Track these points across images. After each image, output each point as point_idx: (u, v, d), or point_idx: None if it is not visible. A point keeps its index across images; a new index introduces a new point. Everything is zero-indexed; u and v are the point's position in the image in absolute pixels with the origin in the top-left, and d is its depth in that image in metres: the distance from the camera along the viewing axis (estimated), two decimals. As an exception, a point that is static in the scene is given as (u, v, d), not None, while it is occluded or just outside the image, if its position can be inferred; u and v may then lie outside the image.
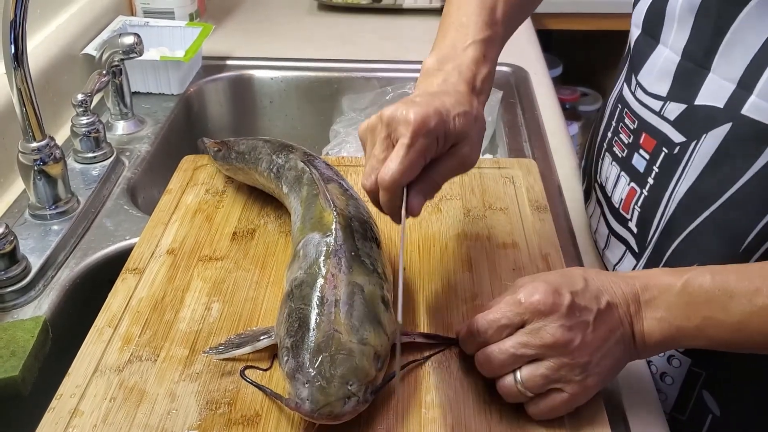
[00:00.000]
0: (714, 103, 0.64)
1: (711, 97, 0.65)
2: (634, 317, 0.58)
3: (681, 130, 0.68)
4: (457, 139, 0.61)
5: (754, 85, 0.61)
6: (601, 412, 0.59)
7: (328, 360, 0.55)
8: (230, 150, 0.84)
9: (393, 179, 0.58)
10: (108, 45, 1.00)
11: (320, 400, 0.54)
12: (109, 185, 0.93)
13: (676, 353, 0.71)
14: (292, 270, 0.64)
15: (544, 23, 1.69)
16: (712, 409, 0.71)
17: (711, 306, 0.55)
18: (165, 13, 1.30)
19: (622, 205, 0.76)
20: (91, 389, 0.61)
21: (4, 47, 0.74)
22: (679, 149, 0.68)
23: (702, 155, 0.66)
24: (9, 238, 0.75)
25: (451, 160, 0.62)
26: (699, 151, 0.66)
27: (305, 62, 1.26)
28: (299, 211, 0.71)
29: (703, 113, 0.65)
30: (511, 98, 1.16)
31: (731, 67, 0.63)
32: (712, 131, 0.64)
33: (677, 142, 0.68)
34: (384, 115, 0.60)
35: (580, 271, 0.60)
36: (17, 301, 0.75)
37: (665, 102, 0.69)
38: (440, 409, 0.59)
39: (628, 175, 0.75)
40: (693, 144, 0.66)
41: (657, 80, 0.71)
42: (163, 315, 0.68)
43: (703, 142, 0.65)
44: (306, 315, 0.58)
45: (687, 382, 0.72)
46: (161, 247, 0.77)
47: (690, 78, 0.66)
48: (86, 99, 0.92)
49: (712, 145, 0.65)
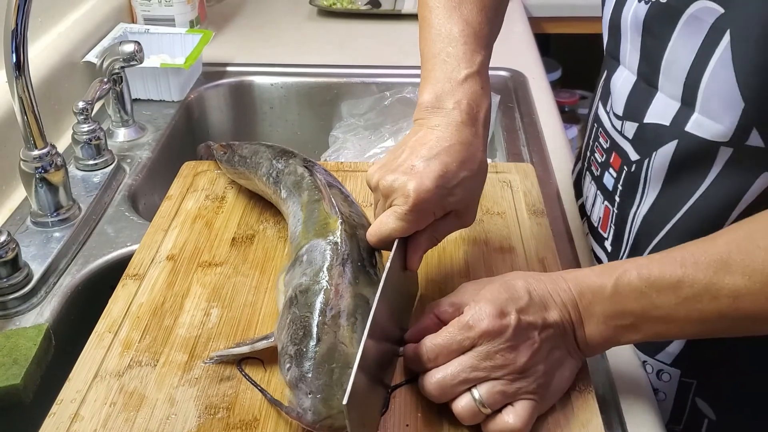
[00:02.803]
0: (661, 121, 0.66)
1: (658, 115, 0.66)
2: (576, 324, 0.58)
3: (635, 149, 0.70)
4: (455, 208, 0.63)
5: (694, 102, 0.62)
6: (596, 415, 0.60)
7: (332, 372, 0.55)
8: (234, 153, 0.85)
9: (376, 240, 0.63)
10: (109, 53, 1.01)
11: (322, 412, 0.54)
12: (110, 192, 0.93)
13: (665, 367, 0.72)
14: (294, 275, 0.64)
15: (542, 27, 1.70)
16: (707, 415, 0.72)
17: (641, 303, 0.56)
18: (165, 20, 1.31)
19: (601, 224, 0.77)
20: (91, 394, 0.61)
21: (6, 56, 0.75)
22: (635, 167, 0.70)
23: (657, 172, 0.67)
24: (11, 245, 0.75)
25: (449, 220, 0.64)
26: (653, 168, 0.68)
27: (305, 68, 1.27)
28: (300, 216, 0.71)
29: (652, 131, 0.67)
30: (509, 102, 1.17)
31: (673, 85, 0.64)
32: (661, 149, 0.66)
33: (633, 160, 0.70)
34: (382, 185, 0.61)
35: (521, 281, 0.59)
36: (19, 308, 0.76)
37: (623, 121, 0.71)
38: (436, 412, 0.59)
39: (602, 194, 0.77)
40: (646, 162, 0.68)
41: (617, 100, 0.72)
42: (162, 320, 0.69)
43: (654, 160, 0.67)
44: (310, 324, 0.58)
45: (679, 394, 0.72)
46: (161, 253, 0.77)
47: (642, 97, 0.68)
48: (87, 106, 0.93)
49: (664, 162, 0.66)
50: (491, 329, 0.56)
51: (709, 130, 0.62)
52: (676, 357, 0.71)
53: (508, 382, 0.56)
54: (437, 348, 0.58)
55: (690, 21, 0.61)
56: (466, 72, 0.65)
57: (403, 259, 0.63)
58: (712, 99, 0.61)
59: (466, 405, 0.57)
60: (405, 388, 0.61)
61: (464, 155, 0.61)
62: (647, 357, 0.73)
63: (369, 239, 0.63)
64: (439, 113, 0.64)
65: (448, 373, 0.57)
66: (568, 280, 0.59)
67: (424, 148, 0.61)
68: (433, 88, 0.65)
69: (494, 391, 0.56)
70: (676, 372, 0.71)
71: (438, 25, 0.67)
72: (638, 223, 0.71)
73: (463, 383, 0.57)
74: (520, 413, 0.56)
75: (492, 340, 0.56)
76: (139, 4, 1.31)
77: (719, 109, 0.60)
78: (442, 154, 0.61)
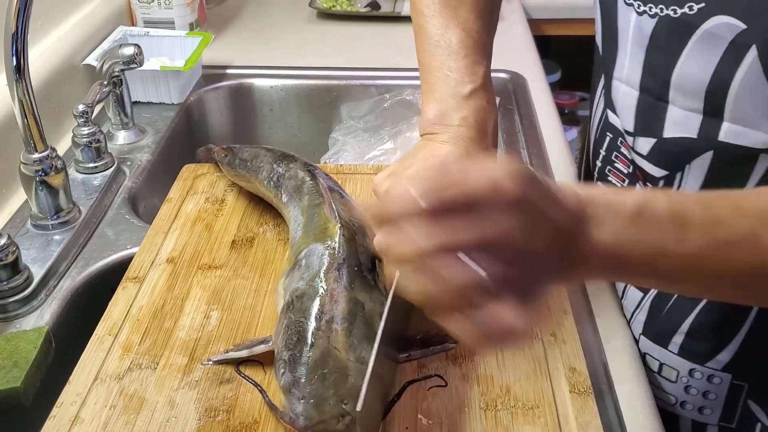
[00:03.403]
0: (686, 134, 0.64)
1: (680, 128, 0.64)
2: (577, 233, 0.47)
3: (659, 164, 0.67)
4: None
5: (721, 113, 0.61)
6: (596, 418, 0.60)
7: (325, 377, 0.55)
8: (235, 156, 0.85)
9: None
10: (108, 55, 1.01)
11: (314, 417, 0.54)
12: (110, 195, 0.93)
13: (716, 372, 0.70)
14: (293, 279, 0.65)
15: (542, 29, 1.69)
16: (760, 419, 0.71)
17: (664, 233, 0.47)
18: (165, 22, 1.31)
19: None
20: (91, 397, 0.61)
21: (6, 59, 0.75)
22: (663, 183, 0.68)
23: (692, 184, 0.65)
24: (11, 248, 0.76)
25: None
26: (687, 181, 0.66)
27: (305, 70, 1.27)
28: (300, 220, 0.72)
29: (678, 145, 0.65)
30: (508, 104, 1.17)
31: (689, 98, 0.63)
32: (695, 161, 0.65)
33: (658, 177, 0.68)
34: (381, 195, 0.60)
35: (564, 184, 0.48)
36: (19, 311, 0.76)
37: (634, 137, 0.69)
38: (436, 415, 0.60)
39: None
40: (678, 176, 0.66)
41: (625, 116, 0.70)
42: (162, 323, 0.69)
43: (689, 173, 0.65)
44: (305, 329, 0.59)
45: (730, 395, 0.71)
46: (161, 255, 0.77)
47: (653, 112, 0.66)
48: (87, 109, 0.93)
49: (700, 173, 0.65)
50: None
51: (748, 138, 0.61)
52: (726, 364, 0.69)
53: None
54: None
55: (706, 36, 0.60)
56: (471, 87, 0.64)
57: None
58: (747, 109, 0.60)
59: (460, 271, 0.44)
60: (405, 392, 0.61)
61: None
62: (696, 365, 0.71)
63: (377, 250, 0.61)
64: (446, 129, 0.63)
65: None
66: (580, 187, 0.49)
67: (435, 159, 0.60)
68: (437, 105, 0.64)
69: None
70: (728, 376, 0.70)
71: (435, 35, 0.66)
72: None
73: None
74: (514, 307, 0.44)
75: None
76: (138, 6, 1.31)
77: (756, 117, 0.59)
78: None
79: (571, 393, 0.61)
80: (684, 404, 0.73)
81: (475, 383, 0.62)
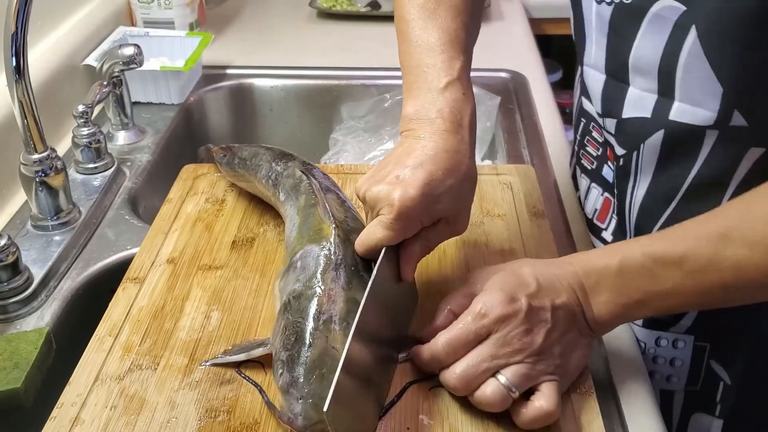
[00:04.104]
0: (642, 114, 0.69)
1: (637, 108, 0.69)
2: (584, 305, 0.60)
3: (620, 143, 0.73)
4: (444, 215, 0.63)
5: (673, 93, 0.66)
6: (597, 418, 0.60)
7: (323, 378, 0.55)
8: (234, 155, 0.85)
9: (363, 249, 0.63)
10: (108, 56, 1.01)
11: (313, 417, 0.54)
12: (110, 195, 0.93)
13: (680, 336, 0.74)
14: (289, 281, 0.64)
15: (543, 28, 1.69)
16: (722, 378, 0.74)
17: (647, 280, 0.59)
18: (165, 23, 1.31)
19: (598, 215, 0.80)
20: (92, 398, 0.61)
21: (6, 59, 0.75)
22: (623, 161, 0.73)
23: (647, 162, 0.71)
24: (11, 249, 0.75)
25: (440, 228, 0.63)
26: (643, 159, 0.71)
27: (305, 70, 1.27)
28: (296, 221, 0.71)
29: (634, 125, 0.70)
30: (509, 104, 1.17)
31: (645, 79, 0.67)
32: (648, 140, 0.69)
33: (620, 155, 0.73)
34: (369, 196, 0.61)
35: (529, 268, 0.61)
36: (20, 312, 0.75)
37: (603, 118, 0.75)
38: (437, 415, 0.59)
39: (600, 186, 0.80)
40: (634, 154, 0.71)
41: (595, 99, 0.75)
42: (163, 324, 0.69)
43: (644, 151, 0.70)
44: (302, 329, 0.58)
45: (695, 357, 0.75)
46: (161, 256, 0.77)
47: (615, 94, 0.71)
48: (87, 110, 0.93)
49: (653, 152, 0.70)
50: (504, 314, 0.58)
51: (694, 116, 0.65)
52: (689, 327, 0.74)
53: (529, 364, 0.58)
54: (454, 341, 0.59)
55: (654, 19, 0.64)
56: (447, 80, 0.65)
57: (397, 270, 0.63)
58: (692, 88, 0.64)
59: (495, 389, 0.57)
60: (406, 392, 0.61)
61: (450, 163, 0.61)
62: (661, 332, 0.75)
63: (357, 249, 0.64)
64: (422, 123, 0.64)
65: (470, 364, 0.58)
66: (575, 263, 0.62)
67: (409, 158, 0.61)
68: (415, 101, 0.65)
69: (519, 373, 0.57)
70: (690, 338, 0.74)
71: (415, 37, 0.67)
72: (635, 213, 0.74)
73: (485, 372, 0.58)
74: (549, 395, 0.58)
75: (507, 326, 0.58)
76: (138, 7, 1.31)
77: (700, 95, 0.64)
78: (426, 162, 0.61)
79: (572, 393, 0.61)
80: (653, 374, 0.76)
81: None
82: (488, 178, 0.90)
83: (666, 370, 0.76)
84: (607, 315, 0.60)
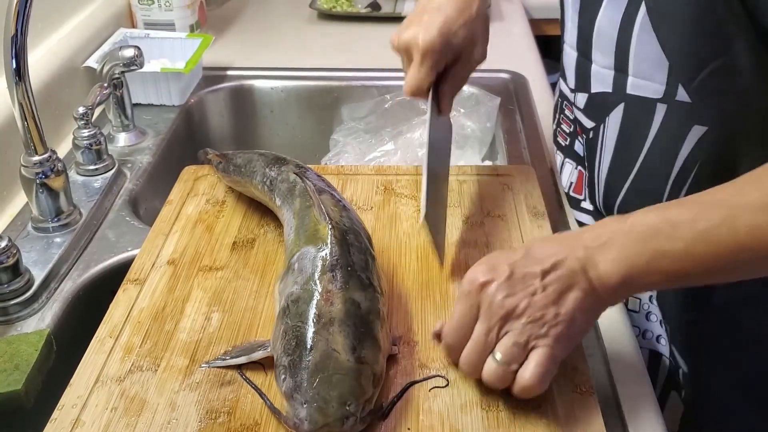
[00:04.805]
0: (605, 89, 0.74)
1: (601, 84, 0.75)
2: (587, 264, 0.58)
3: (589, 117, 0.79)
4: (463, 47, 0.75)
5: (626, 68, 0.70)
6: (598, 418, 0.60)
7: (326, 380, 0.55)
8: (229, 163, 0.85)
9: (408, 91, 0.75)
10: (109, 57, 1.01)
11: (319, 421, 0.54)
12: (110, 197, 0.93)
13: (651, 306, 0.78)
14: (287, 284, 0.64)
15: (543, 29, 1.69)
16: (681, 366, 0.78)
17: (658, 238, 0.57)
18: (165, 24, 1.31)
19: (574, 187, 0.86)
20: (92, 399, 0.61)
21: (6, 61, 0.75)
22: (592, 134, 0.79)
23: (611, 135, 0.76)
24: (12, 251, 0.75)
25: (464, 62, 0.76)
26: (607, 132, 0.76)
27: (305, 71, 1.27)
28: (293, 224, 0.71)
29: (600, 99, 0.76)
30: (509, 105, 1.17)
31: (604, 55, 0.73)
32: (612, 113, 0.74)
33: (589, 128, 0.79)
34: (400, 43, 0.75)
35: (526, 243, 0.63)
36: (21, 314, 0.76)
37: (575, 93, 0.80)
38: (438, 415, 0.59)
39: (574, 160, 0.86)
40: (601, 127, 0.77)
41: (569, 75, 0.81)
42: (163, 325, 0.69)
43: (608, 125, 0.76)
44: (303, 333, 0.58)
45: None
46: (162, 257, 0.77)
47: (584, 70, 0.77)
48: (87, 112, 0.93)
49: (616, 125, 0.75)
50: (483, 282, 0.58)
51: (646, 89, 0.70)
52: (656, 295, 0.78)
53: (517, 331, 0.57)
54: (454, 330, 0.60)
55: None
56: None
57: (438, 106, 0.77)
58: (643, 61, 0.69)
59: (490, 369, 0.58)
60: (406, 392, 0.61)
61: (462, 5, 0.75)
62: None
63: (405, 94, 0.75)
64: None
65: (469, 349, 0.59)
66: (583, 230, 0.61)
67: (432, 3, 0.75)
68: None
69: (509, 345, 0.57)
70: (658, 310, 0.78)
71: None
72: (603, 186, 0.80)
73: (486, 348, 0.58)
74: (532, 367, 0.57)
75: (488, 295, 0.58)
76: (139, 8, 1.31)
77: (650, 69, 0.68)
78: (444, 6, 0.74)
79: (573, 393, 0.61)
80: (645, 333, 0.78)
81: (476, 383, 0.61)
82: (488, 178, 0.90)
83: (657, 329, 0.78)
84: (614, 274, 0.57)
